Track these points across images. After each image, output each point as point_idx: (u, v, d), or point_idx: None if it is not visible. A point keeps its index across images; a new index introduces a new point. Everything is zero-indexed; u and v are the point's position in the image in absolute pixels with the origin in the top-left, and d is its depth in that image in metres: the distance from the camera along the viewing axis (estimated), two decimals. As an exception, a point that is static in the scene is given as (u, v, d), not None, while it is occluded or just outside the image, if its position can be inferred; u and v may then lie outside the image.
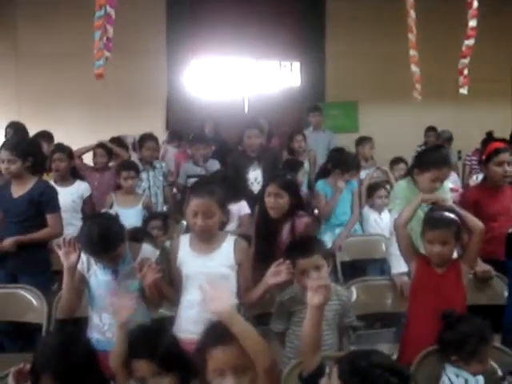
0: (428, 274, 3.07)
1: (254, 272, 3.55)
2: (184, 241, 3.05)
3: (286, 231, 3.72)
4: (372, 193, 5.33)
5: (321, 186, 5.14)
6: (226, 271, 2.96)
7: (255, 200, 4.26)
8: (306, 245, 3.01)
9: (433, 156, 3.77)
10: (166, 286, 3.02)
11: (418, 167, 3.74)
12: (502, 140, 6.18)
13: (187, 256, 2.99)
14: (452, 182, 5.54)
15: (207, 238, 2.98)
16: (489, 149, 4.07)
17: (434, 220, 3.05)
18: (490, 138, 6.98)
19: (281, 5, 8.96)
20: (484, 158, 4.05)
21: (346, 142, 7.24)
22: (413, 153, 6.66)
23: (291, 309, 2.99)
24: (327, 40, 9.21)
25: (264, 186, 3.89)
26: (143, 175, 5.65)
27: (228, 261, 2.97)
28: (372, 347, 3.78)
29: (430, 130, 8.17)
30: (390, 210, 3.92)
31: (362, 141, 6.62)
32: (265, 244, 3.74)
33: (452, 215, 3.05)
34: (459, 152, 8.30)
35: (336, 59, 9.09)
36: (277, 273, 2.77)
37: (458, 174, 6.93)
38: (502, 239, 3.62)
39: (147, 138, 5.91)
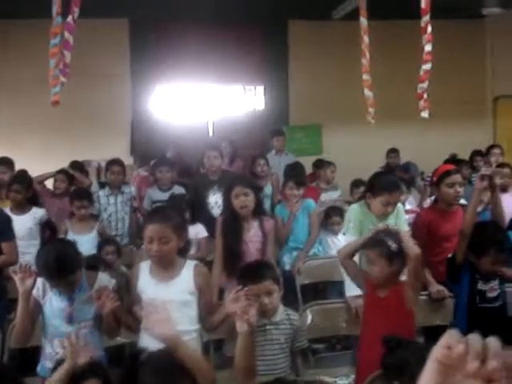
0: (373, 298, 3.13)
1: (223, 272, 3.88)
2: (144, 268, 3.03)
3: (254, 229, 3.94)
4: (329, 215, 5.38)
5: (278, 209, 5.20)
6: (187, 298, 2.95)
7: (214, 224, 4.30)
8: (256, 270, 3.03)
9: (384, 180, 3.83)
10: (125, 314, 3.00)
11: (369, 191, 3.80)
12: (463, 161, 6.33)
13: (147, 284, 2.97)
14: (410, 204, 5.63)
15: (166, 265, 2.97)
16: (439, 171, 4.14)
17: (373, 242, 3.12)
18: (453, 160, 7.10)
19: (244, 30, 9.06)
20: (435, 179, 4.12)
21: (310, 164, 7.33)
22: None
23: (244, 333, 2.99)
24: (290, 64, 9.31)
25: (227, 192, 3.97)
26: (111, 200, 5.69)
27: (188, 287, 2.96)
28: (331, 370, 3.87)
29: (392, 151, 8.28)
30: (343, 233, 3.94)
31: (323, 164, 6.68)
32: (234, 243, 3.91)
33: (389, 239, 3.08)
34: (422, 173, 8.42)
35: (299, 83, 9.20)
36: (235, 299, 2.79)
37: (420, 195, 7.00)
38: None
39: (113, 163, 5.95)
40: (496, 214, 3.68)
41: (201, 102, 9.34)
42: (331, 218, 5.30)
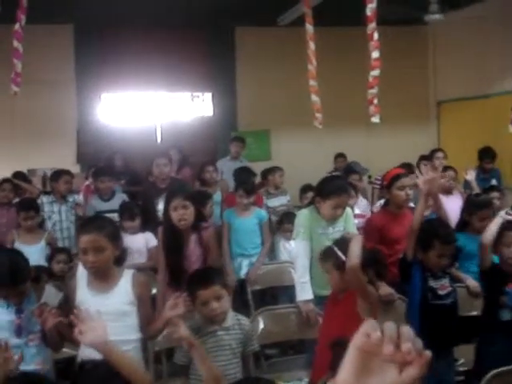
0: (330, 302, 3.16)
1: (166, 286, 3.85)
2: (82, 280, 2.98)
3: (193, 242, 3.88)
4: (282, 221, 5.40)
5: (226, 214, 5.21)
6: (126, 308, 2.91)
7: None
8: (205, 276, 3.03)
9: (332, 184, 3.87)
10: (67, 328, 2.94)
11: (319, 196, 3.83)
12: (408, 165, 6.44)
13: (85, 295, 2.93)
14: (360, 208, 5.70)
15: (103, 276, 2.93)
16: (390, 174, 4.21)
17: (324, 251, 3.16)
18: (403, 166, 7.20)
19: (191, 37, 9.02)
20: (386, 183, 4.19)
21: (259, 170, 7.34)
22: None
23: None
24: (238, 70, 9.33)
25: (167, 203, 3.91)
26: (55, 208, 5.61)
27: (127, 297, 2.93)
28: (284, 374, 3.88)
29: (340, 156, 8.39)
30: (294, 239, 3.95)
31: (272, 169, 6.71)
32: (174, 257, 3.87)
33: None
34: (369, 177, 8.54)
35: (247, 89, 9.24)
36: (174, 305, 2.76)
37: (366, 198, 7.09)
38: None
39: (63, 172, 5.88)
40: (440, 217, 3.75)
41: (148, 109, 9.25)
42: (284, 224, 5.33)
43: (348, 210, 4.08)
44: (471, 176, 6.00)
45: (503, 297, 3.49)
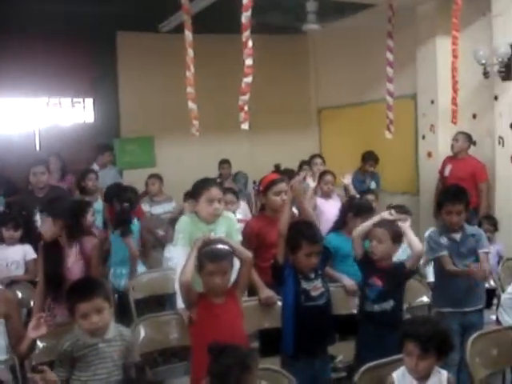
0: (209, 307, 3.17)
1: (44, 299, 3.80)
2: None
3: (73, 255, 3.89)
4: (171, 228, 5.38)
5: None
6: None
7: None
8: (85, 288, 2.96)
9: (200, 182, 3.94)
10: None
11: (193, 197, 3.86)
12: (290, 170, 6.61)
13: None
14: (240, 214, 5.77)
15: None
16: (266, 180, 4.30)
17: (213, 253, 3.17)
18: (277, 170, 7.40)
19: (72, 42, 8.75)
20: (262, 188, 4.27)
21: (144, 177, 7.27)
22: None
23: (75, 354, 2.90)
24: (119, 76, 9.20)
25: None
26: None
27: None
28: (168, 381, 3.88)
29: (224, 162, 8.47)
30: (174, 245, 3.94)
31: (151, 177, 6.69)
32: (53, 270, 3.84)
33: (226, 247, 3.21)
34: (254, 182, 8.67)
35: (129, 95, 9.12)
36: (37, 326, 2.68)
37: (249, 204, 7.21)
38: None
39: None
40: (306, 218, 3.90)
41: (27, 115, 8.90)
42: (170, 231, 5.32)
43: (231, 215, 4.13)
44: (348, 180, 6.24)
45: (366, 288, 3.68)
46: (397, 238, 3.68)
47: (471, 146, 6.99)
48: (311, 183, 6.00)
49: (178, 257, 3.73)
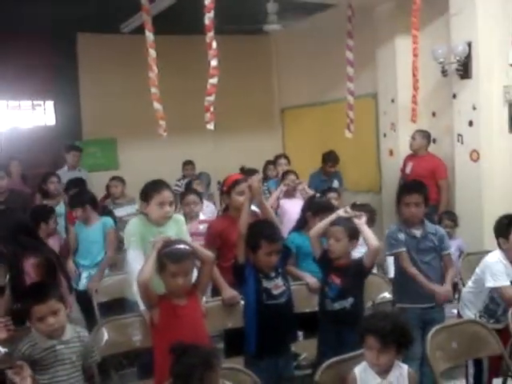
0: (171, 309, 3.15)
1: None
2: None
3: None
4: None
5: (76, 225, 5.15)
6: None
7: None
8: (40, 291, 2.95)
9: (151, 184, 3.91)
10: None
11: (144, 201, 3.83)
12: (253, 170, 6.62)
13: None
14: (209, 213, 5.78)
15: None
16: (229, 180, 4.31)
17: (175, 254, 3.16)
18: (243, 172, 7.40)
19: (31, 43, 8.62)
20: (225, 189, 4.28)
21: (107, 179, 7.22)
22: (172, 187, 6.84)
23: (33, 357, 2.87)
24: (81, 78, 9.11)
25: None
26: None
27: None
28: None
29: (187, 163, 8.45)
30: (126, 248, 3.89)
31: (114, 179, 6.66)
32: (13, 275, 3.77)
33: (187, 247, 3.22)
34: (219, 182, 8.67)
35: (91, 97, 9.04)
36: None
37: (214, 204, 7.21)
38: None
39: None
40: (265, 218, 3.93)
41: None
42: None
43: (180, 217, 4.11)
44: (304, 185, 6.24)
45: (326, 287, 3.72)
46: (353, 235, 3.72)
47: (431, 144, 7.10)
48: (282, 187, 6.01)
49: (132, 260, 3.69)
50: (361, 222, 3.74)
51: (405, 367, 2.83)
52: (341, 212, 3.79)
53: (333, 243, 3.68)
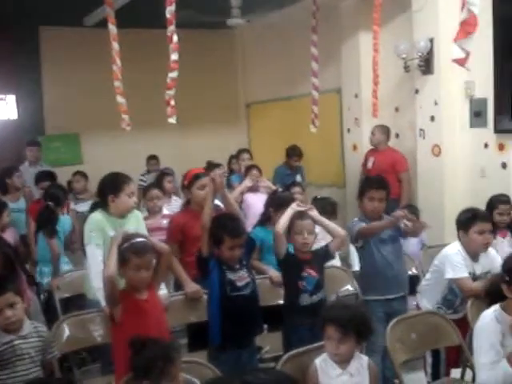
0: (135, 303, 3.14)
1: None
2: None
3: None
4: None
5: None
6: None
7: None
8: None
9: (117, 177, 3.94)
10: None
11: (112, 193, 3.81)
12: (218, 165, 6.61)
13: None
14: (172, 208, 5.75)
15: None
16: (190, 174, 4.30)
17: (138, 247, 3.15)
18: (209, 166, 7.37)
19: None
20: (186, 183, 4.27)
21: (70, 174, 7.15)
22: (137, 182, 6.82)
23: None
24: (43, 72, 9.01)
25: None
26: None
27: None
28: (96, 380, 3.83)
29: (152, 158, 8.40)
30: (86, 244, 3.86)
31: (76, 174, 6.60)
32: None
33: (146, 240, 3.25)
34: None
35: (53, 91, 8.95)
36: None
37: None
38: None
39: None
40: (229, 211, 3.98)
41: None
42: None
43: (137, 212, 4.12)
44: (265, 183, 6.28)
45: (301, 282, 3.72)
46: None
47: (394, 139, 7.18)
48: (247, 182, 6.02)
49: (92, 255, 3.68)
50: (316, 214, 3.80)
51: (365, 358, 2.86)
52: (294, 206, 3.82)
53: (307, 236, 3.72)
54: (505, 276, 2.48)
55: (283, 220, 3.75)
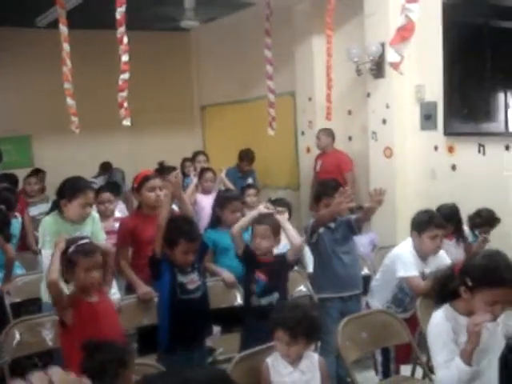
0: (87, 307, 3.10)
1: None
2: None
3: None
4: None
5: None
6: None
7: None
8: None
9: (76, 183, 3.89)
10: None
11: (64, 198, 3.77)
12: (172, 168, 6.58)
13: None
14: (120, 212, 5.71)
15: None
16: (139, 176, 4.26)
17: (85, 249, 3.12)
18: (162, 167, 7.35)
19: None
20: (136, 185, 4.23)
21: (21, 177, 7.04)
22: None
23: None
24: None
25: None
26: None
27: None
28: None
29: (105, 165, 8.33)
30: (40, 248, 3.80)
31: (28, 176, 6.51)
32: None
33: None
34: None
35: (4, 92, 8.78)
36: None
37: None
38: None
39: None
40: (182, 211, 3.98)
41: None
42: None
43: (95, 214, 4.08)
44: (223, 174, 6.34)
45: (252, 284, 3.75)
46: (277, 231, 3.78)
47: (347, 141, 7.28)
48: (194, 180, 6.03)
49: (46, 260, 3.60)
50: (283, 218, 3.81)
51: (315, 356, 2.90)
52: (262, 208, 3.83)
53: (260, 242, 3.71)
54: (466, 280, 2.50)
55: (242, 221, 3.78)
